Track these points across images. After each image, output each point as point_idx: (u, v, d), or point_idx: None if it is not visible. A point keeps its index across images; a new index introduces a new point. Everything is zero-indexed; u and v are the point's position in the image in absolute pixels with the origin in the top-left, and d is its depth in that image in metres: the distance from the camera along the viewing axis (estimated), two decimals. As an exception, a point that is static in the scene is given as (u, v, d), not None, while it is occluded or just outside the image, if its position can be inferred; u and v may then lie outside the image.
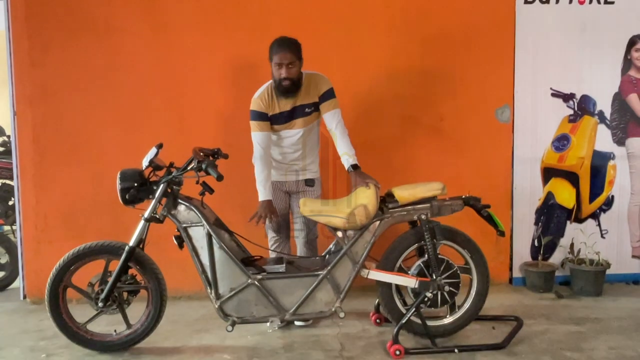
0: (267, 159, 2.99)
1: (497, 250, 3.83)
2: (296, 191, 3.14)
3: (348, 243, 2.76)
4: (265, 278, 2.72)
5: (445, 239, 2.82)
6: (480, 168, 3.80)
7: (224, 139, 3.56)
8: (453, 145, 3.80)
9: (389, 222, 2.79)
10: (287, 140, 3.06)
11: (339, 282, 2.76)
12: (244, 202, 3.26)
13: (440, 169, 3.73)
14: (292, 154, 3.08)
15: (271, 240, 3.21)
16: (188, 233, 2.71)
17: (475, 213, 2.90)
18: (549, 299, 3.62)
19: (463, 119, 3.78)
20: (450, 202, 2.83)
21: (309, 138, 3.09)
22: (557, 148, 3.88)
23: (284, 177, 3.12)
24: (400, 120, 3.75)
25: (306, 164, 3.12)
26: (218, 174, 2.51)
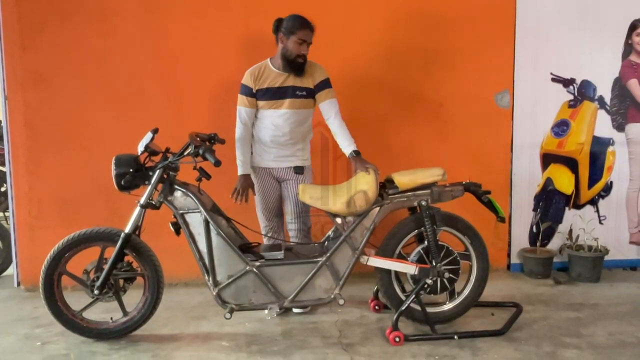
0: (246, 136, 2.98)
1: (495, 236, 3.79)
2: (285, 178, 3.08)
3: (347, 229, 2.73)
4: (264, 265, 2.69)
5: (445, 226, 2.79)
6: (479, 154, 3.77)
7: (221, 124, 3.46)
8: (452, 130, 3.76)
9: (388, 208, 2.76)
10: (274, 121, 2.97)
11: (338, 269, 2.74)
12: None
13: (438, 154, 3.69)
14: (280, 137, 2.99)
15: (264, 229, 3.16)
16: (185, 219, 2.67)
17: (474, 199, 2.87)
18: (547, 285, 3.61)
19: (462, 104, 3.74)
20: (450, 188, 2.79)
21: (299, 124, 3.01)
22: (557, 134, 3.84)
23: (273, 162, 3.04)
24: (399, 104, 3.70)
25: (295, 150, 3.04)
26: (215, 159, 2.46)
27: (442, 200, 2.77)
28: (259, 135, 3.03)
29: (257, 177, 3.09)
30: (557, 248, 3.87)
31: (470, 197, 2.85)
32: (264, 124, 3.00)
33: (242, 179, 3.00)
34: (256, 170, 3.09)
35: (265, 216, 3.13)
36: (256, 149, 3.07)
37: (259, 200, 3.13)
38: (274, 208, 3.14)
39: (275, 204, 3.13)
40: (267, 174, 3.07)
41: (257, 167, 3.08)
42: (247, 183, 3.00)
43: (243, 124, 2.99)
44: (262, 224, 3.16)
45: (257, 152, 3.07)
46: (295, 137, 3.01)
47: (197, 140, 2.62)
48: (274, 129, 2.98)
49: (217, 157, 2.49)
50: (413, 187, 2.75)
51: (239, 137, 3.00)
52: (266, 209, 3.12)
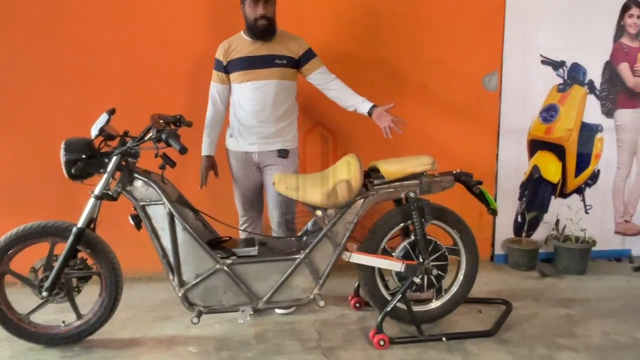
0: (215, 117, 2.87)
1: (480, 226, 3.68)
2: (268, 164, 2.87)
3: (328, 223, 2.53)
4: (236, 262, 2.47)
5: (434, 219, 2.63)
6: (466, 139, 3.62)
7: (189, 105, 3.23)
8: (437, 113, 3.59)
9: (374, 200, 2.57)
10: (253, 94, 2.76)
11: (318, 267, 2.54)
12: (212, 177, 2.98)
13: (423, 139, 3.53)
14: (261, 112, 2.77)
15: (240, 219, 2.96)
16: (146, 212, 2.41)
17: (460, 187, 2.71)
18: (533, 277, 3.50)
19: (448, 85, 3.57)
20: (440, 178, 2.62)
21: (280, 97, 2.79)
22: (545, 119, 3.70)
23: (253, 146, 2.84)
24: (382, 85, 3.49)
25: (279, 129, 2.82)
26: (181, 145, 2.18)
27: (431, 192, 2.60)
28: (237, 114, 2.84)
29: (236, 163, 2.89)
30: (542, 239, 3.77)
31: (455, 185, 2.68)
32: (241, 100, 2.80)
33: (204, 160, 2.90)
34: (235, 156, 2.89)
35: (244, 207, 2.94)
36: (235, 131, 2.86)
37: (236, 189, 2.93)
38: (254, 198, 2.94)
39: (255, 193, 2.93)
40: (248, 160, 2.87)
41: (236, 151, 2.88)
42: (208, 164, 2.90)
43: (212, 103, 2.86)
44: (241, 216, 2.96)
45: (236, 135, 2.86)
46: (278, 112, 2.80)
47: (159, 123, 2.35)
48: (253, 104, 2.77)
49: (183, 143, 2.20)
50: (400, 177, 2.57)
51: (207, 118, 2.88)
52: (245, 199, 2.92)
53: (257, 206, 2.97)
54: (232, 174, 2.92)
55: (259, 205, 2.98)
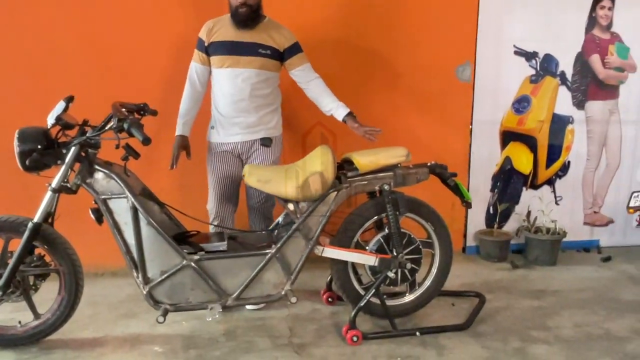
0: (192, 97, 2.80)
1: (452, 218, 3.67)
2: (250, 153, 2.82)
3: (301, 217, 2.47)
4: (204, 258, 2.38)
5: (409, 212, 2.60)
6: (439, 130, 3.59)
7: (155, 93, 3.11)
8: (410, 103, 3.55)
9: (347, 192, 2.52)
10: (229, 82, 2.70)
11: (289, 262, 2.48)
12: (178, 168, 2.88)
13: (396, 130, 3.47)
14: (237, 102, 2.72)
15: (211, 215, 2.87)
16: (108, 206, 2.29)
17: (436, 180, 2.69)
18: (505, 269, 3.51)
19: (422, 75, 3.51)
20: (415, 170, 2.59)
21: (259, 87, 2.74)
22: (517, 110, 3.69)
23: (235, 136, 2.78)
24: (355, 74, 3.42)
25: (261, 117, 2.77)
26: (144, 135, 2.07)
27: (406, 184, 2.57)
28: (217, 105, 2.79)
29: (217, 156, 2.82)
30: (514, 230, 3.78)
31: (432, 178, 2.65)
32: (221, 88, 2.74)
33: (177, 140, 2.80)
34: (217, 149, 2.82)
35: (219, 203, 2.85)
36: (216, 122, 2.81)
37: (213, 184, 2.84)
38: (232, 194, 2.87)
39: (233, 188, 2.86)
40: (230, 153, 2.81)
41: (218, 143, 2.82)
42: (181, 143, 2.80)
43: (191, 83, 2.79)
44: (212, 211, 2.86)
45: (217, 126, 2.81)
46: (258, 102, 2.74)
47: (121, 111, 2.22)
48: (232, 92, 2.71)
49: (146, 133, 2.08)
50: (374, 169, 2.53)
51: (184, 97, 2.81)
52: (222, 194, 2.84)
53: (233, 202, 2.89)
54: (210, 169, 2.85)
55: (234, 201, 2.90)
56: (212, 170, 2.84)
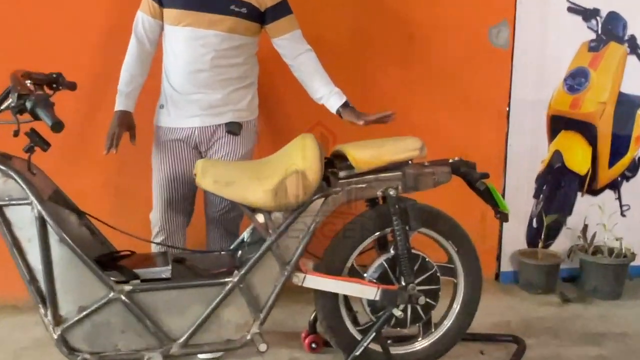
0: (140, 52, 2.81)
1: (482, 234, 3.72)
2: (212, 144, 2.85)
3: (274, 232, 2.45)
4: (138, 289, 2.35)
5: (423, 226, 2.60)
6: (464, 115, 3.64)
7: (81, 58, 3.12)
8: (426, 78, 3.61)
9: (339, 199, 2.51)
10: (186, 46, 2.72)
11: (258, 294, 2.46)
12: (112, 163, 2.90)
13: (407, 114, 3.47)
14: (195, 74, 2.74)
15: (154, 229, 2.89)
16: (4, 216, 2.25)
17: (460, 184, 2.69)
18: (552, 303, 3.54)
19: (442, 38, 3.59)
20: (431, 169, 2.58)
21: (227, 56, 2.75)
22: (571, 88, 3.74)
23: (192, 120, 2.80)
24: (353, 40, 3.50)
25: (226, 94, 2.79)
26: (54, 118, 2.05)
27: (419, 189, 2.56)
28: (169, 75, 2.81)
29: (165, 147, 2.84)
30: (565, 250, 3.82)
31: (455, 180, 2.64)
32: (175, 53, 2.76)
33: (118, 116, 2.80)
34: (166, 136, 2.84)
35: (166, 212, 2.86)
36: (167, 100, 2.83)
37: (159, 185, 2.85)
38: (184, 199, 2.89)
39: (186, 192, 2.88)
40: (184, 142, 2.83)
41: (168, 128, 2.84)
42: (123, 121, 2.80)
43: (137, 39, 2.81)
44: (155, 223, 2.88)
45: (169, 105, 2.83)
46: (222, 75, 2.77)
47: (24, 85, 2.19)
48: (188, 60, 2.73)
49: (57, 116, 2.07)
50: (376, 168, 2.52)
51: (127, 58, 2.83)
52: (170, 200, 2.85)
53: (186, 211, 2.91)
54: (155, 164, 2.87)
55: (188, 210, 2.92)
56: (158, 166, 2.84)
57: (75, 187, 2.61)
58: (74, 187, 2.60)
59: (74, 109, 3.06)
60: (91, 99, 3.16)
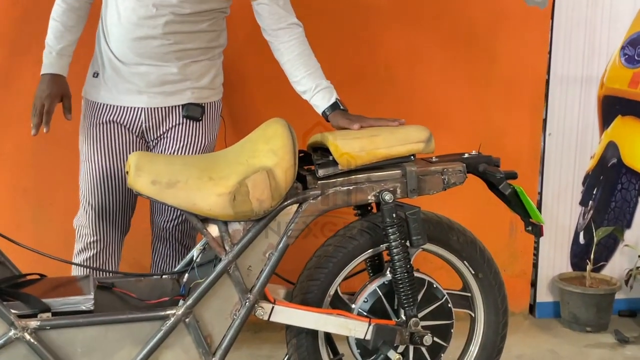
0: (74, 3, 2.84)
1: (511, 252, 3.78)
2: (164, 132, 2.90)
3: (232, 249, 2.46)
4: (49, 325, 2.33)
5: (428, 241, 2.61)
6: (486, 92, 3.73)
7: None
8: (437, 44, 3.69)
9: (317, 206, 2.52)
10: (136, 4, 2.72)
11: (210, 332, 2.48)
12: (8, 149, 2.91)
13: (411, 95, 3.59)
14: (144, 41, 2.77)
15: (79, 243, 2.90)
16: None
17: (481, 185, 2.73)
18: (605, 345, 3.58)
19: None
20: (441, 167, 2.60)
21: (192, 21, 2.80)
22: (630, 59, 3.81)
23: (138, 97, 2.83)
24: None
25: (183, 67, 2.83)
26: None
27: (424, 192, 2.58)
28: (109, 36, 2.83)
29: (99, 130, 2.86)
30: (621, 276, 3.86)
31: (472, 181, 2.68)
32: (118, 10, 2.78)
33: (47, 82, 2.81)
34: (99, 115, 2.86)
35: (96, 219, 2.88)
36: (105, 68, 2.86)
37: (88, 182, 2.87)
38: (122, 203, 2.90)
39: (127, 194, 2.89)
40: (126, 127, 2.87)
41: (103, 106, 2.86)
42: (55, 89, 2.80)
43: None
44: (81, 233, 2.91)
45: (106, 76, 2.85)
46: (182, 43, 2.81)
47: None
48: (135, 23, 2.74)
49: None
50: (368, 164, 2.54)
51: (55, 8, 2.85)
52: (102, 205, 2.87)
53: (123, 219, 2.93)
54: (83, 153, 2.89)
55: (125, 218, 2.94)
56: (88, 155, 2.86)
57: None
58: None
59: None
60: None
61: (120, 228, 2.93)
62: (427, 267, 2.69)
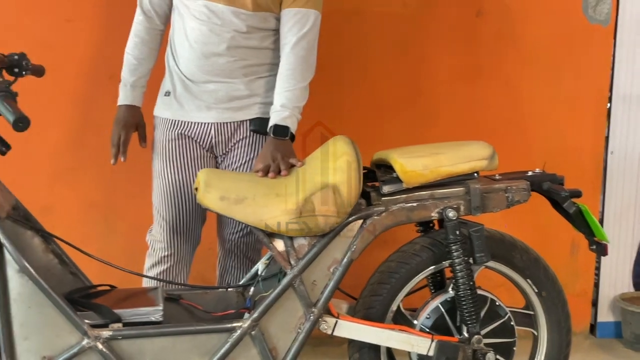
0: (148, 34, 2.91)
1: (573, 271, 3.75)
2: (231, 148, 2.94)
3: (297, 264, 2.49)
4: (120, 335, 2.38)
5: (491, 259, 2.61)
6: (549, 111, 3.71)
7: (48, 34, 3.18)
8: (496, 63, 3.72)
9: (382, 222, 2.53)
10: (199, 23, 2.79)
11: (275, 344, 2.50)
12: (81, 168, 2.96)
13: (471, 110, 3.61)
14: (212, 58, 2.82)
15: (151, 257, 2.95)
16: None
17: (543, 203, 2.72)
18: None
19: (519, 14, 3.65)
20: (504, 184, 2.61)
21: (256, 37, 2.86)
22: None
23: (207, 113, 2.88)
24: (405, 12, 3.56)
25: (249, 83, 2.88)
26: (17, 113, 2.10)
27: (487, 209, 2.59)
28: (178, 56, 2.90)
29: (171, 147, 2.93)
30: None
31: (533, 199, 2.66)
32: (185, 31, 2.85)
33: (123, 113, 2.90)
34: (171, 132, 2.93)
35: (169, 233, 2.93)
36: (175, 87, 2.92)
37: (161, 197, 2.93)
38: (192, 217, 2.96)
39: (198, 209, 2.92)
40: (196, 142, 2.92)
41: (174, 122, 2.92)
42: (130, 120, 2.90)
43: (144, 13, 2.90)
44: (155, 249, 2.97)
45: (177, 93, 2.92)
46: (247, 59, 2.86)
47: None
48: (204, 41, 2.81)
49: (20, 110, 2.12)
50: (431, 181, 2.55)
51: (131, 41, 2.92)
52: (177, 217, 2.92)
53: (194, 233, 2.97)
54: (156, 169, 2.95)
55: (196, 232, 2.98)
56: (160, 171, 2.91)
57: (40, 202, 2.67)
58: (39, 202, 2.67)
59: (36, 101, 3.15)
60: (60, 87, 3.25)
61: (192, 241, 2.98)
62: (486, 285, 2.68)
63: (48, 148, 3.25)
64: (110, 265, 2.56)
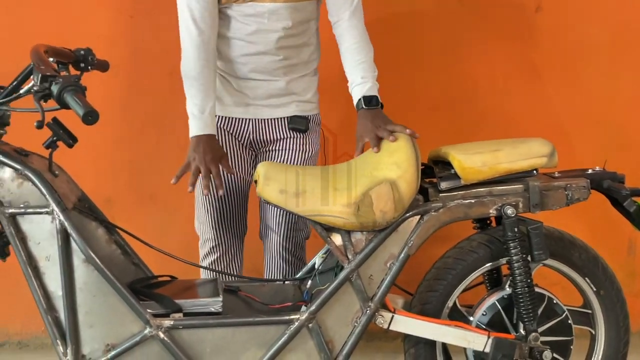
0: (207, 56, 2.75)
1: (631, 271, 3.72)
2: (271, 142, 2.95)
3: (354, 258, 2.50)
4: (182, 325, 2.42)
5: (549, 257, 2.59)
6: (607, 109, 3.68)
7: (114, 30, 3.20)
8: (556, 61, 3.69)
9: (439, 218, 2.54)
10: (244, 25, 2.79)
11: (332, 337, 2.51)
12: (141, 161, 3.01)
13: (529, 107, 3.59)
14: (257, 56, 2.83)
15: (203, 247, 2.96)
16: (18, 227, 2.36)
17: (601, 200, 2.70)
18: None
19: (578, 7, 3.63)
20: (564, 181, 2.59)
21: (298, 34, 2.85)
22: None
23: (245, 110, 2.90)
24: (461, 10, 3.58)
25: (289, 82, 2.89)
26: (86, 106, 2.12)
27: (546, 207, 2.57)
28: (221, 53, 2.88)
29: None
30: None
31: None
32: (231, 31, 2.83)
33: (203, 145, 2.68)
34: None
35: (216, 226, 2.94)
36: (218, 81, 2.90)
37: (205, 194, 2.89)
38: (237, 209, 2.97)
39: (239, 200, 2.96)
40: (234, 136, 2.93)
41: (217, 118, 2.88)
42: (212, 152, 2.69)
43: (198, 28, 2.72)
44: (205, 238, 2.98)
45: (220, 87, 2.91)
46: (290, 57, 2.87)
47: (47, 63, 2.28)
48: (251, 41, 2.81)
49: (89, 103, 2.14)
50: (489, 178, 2.55)
51: (193, 60, 2.74)
52: (221, 210, 2.93)
53: (239, 224, 2.98)
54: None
55: (241, 223, 3.00)
56: None
57: (102, 194, 2.71)
58: (102, 194, 2.72)
59: (104, 95, 3.20)
60: (122, 82, 3.32)
61: (238, 230, 2.98)
62: (542, 283, 2.66)
63: (110, 141, 3.31)
64: (170, 255, 2.60)
